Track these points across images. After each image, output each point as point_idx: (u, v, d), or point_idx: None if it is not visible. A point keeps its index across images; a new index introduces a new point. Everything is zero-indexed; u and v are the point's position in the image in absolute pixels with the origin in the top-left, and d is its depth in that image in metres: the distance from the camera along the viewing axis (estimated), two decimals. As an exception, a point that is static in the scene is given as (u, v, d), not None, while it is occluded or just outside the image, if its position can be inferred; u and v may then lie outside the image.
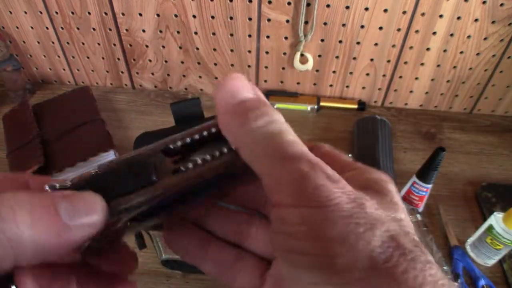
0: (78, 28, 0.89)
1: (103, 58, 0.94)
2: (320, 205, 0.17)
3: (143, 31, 0.87)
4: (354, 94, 0.95)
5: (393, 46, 0.84)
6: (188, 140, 0.21)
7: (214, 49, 0.89)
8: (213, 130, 0.21)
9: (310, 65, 0.88)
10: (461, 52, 0.84)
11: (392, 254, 0.16)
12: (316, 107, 0.93)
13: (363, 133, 0.84)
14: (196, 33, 0.86)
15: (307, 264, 0.17)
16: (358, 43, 0.84)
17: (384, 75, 0.90)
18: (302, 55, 0.87)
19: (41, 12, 0.87)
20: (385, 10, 0.78)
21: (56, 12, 0.86)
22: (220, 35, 0.86)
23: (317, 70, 0.91)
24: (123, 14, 0.85)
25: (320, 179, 0.17)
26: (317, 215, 0.17)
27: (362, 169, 0.21)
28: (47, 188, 0.19)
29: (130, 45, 0.91)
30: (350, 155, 0.78)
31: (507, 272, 0.64)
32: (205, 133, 0.21)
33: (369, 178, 0.20)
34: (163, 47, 0.90)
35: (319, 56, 0.88)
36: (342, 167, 0.21)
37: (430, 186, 0.68)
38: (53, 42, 0.92)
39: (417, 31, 0.81)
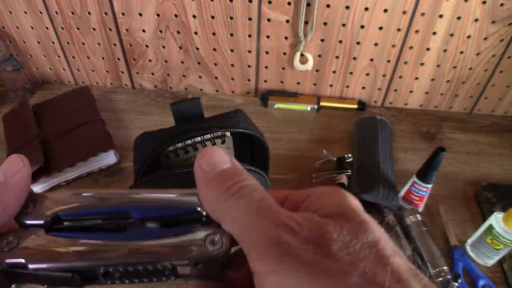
0: (78, 28, 0.89)
1: (103, 58, 0.94)
2: (288, 267, 0.16)
3: (143, 31, 0.87)
4: (354, 94, 0.95)
5: (393, 46, 0.84)
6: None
7: (214, 49, 0.89)
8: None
9: (310, 65, 0.88)
10: (461, 52, 0.84)
11: None
12: (316, 107, 0.93)
13: (363, 133, 0.84)
14: (196, 33, 0.86)
15: None
16: (358, 43, 0.84)
17: (384, 75, 0.90)
18: (302, 55, 0.87)
19: (41, 12, 0.87)
20: (385, 10, 0.78)
21: (56, 12, 0.86)
22: (220, 35, 0.86)
23: (317, 70, 0.91)
24: (123, 14, 0.85)
25: (281, 233, 0.17)
26: (289, 279, 0.16)
27: (316, 195, 0.21)
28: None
29: (130, 45, 0.91)
30: (350, 155, 0.79)
31: (507, 272, 0.64)
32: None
33: (328, 205, 0.20)
34: (163, 47, 0.90)
35: (319, 56, 0.88)
36: (300, 202, 0.21)
37: (430, 186, 0.68)
38: (53, 42, 0.92)
39: (417, 31, 0.81)
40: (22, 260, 0.19)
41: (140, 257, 0.20)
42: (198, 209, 0.21)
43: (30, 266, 0.19)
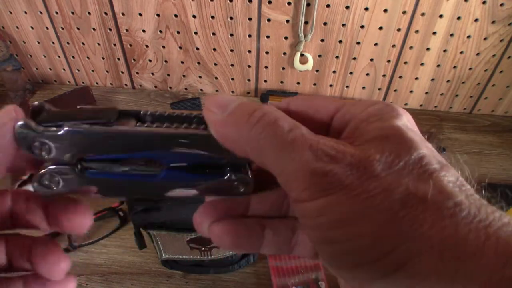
0: (78, 28, 0.89)
1: (103, 58, 0.94)
2: (332, 193, 0.17)
3: (143, 31, 0.87)
4: (354, 94, 0.95)
5: (393, 46, 0.84)
6: (158, 113, 0.22)
7: (214, 49, 0.89)
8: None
9: (310, 65, 0.88)
10: (461, 52, 0.84)
11: (414, 211, 0.16)
12: (316, 107, 0.92)
13: (363, 133, 0.84)
14: (196, 33, 0.86)
15: (340, 252, 0.17)
16: (358, 43, 0.84)
17: (384, 75, 0.90)
18: (302, 55, 0.87)
19: (41, 12, 0.87)
20: (385, 10, 0.78)
21: (56, 12, 0.86)
22: (220, 35, 0.86)
23: (317, 70, 0.91)
24: (123, 14, 0.85)
25: (325, 164, 0.17)
26: (333, 203, 0.17)
27: (364, 117, 0.20)
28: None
29: (130, 45, 0.91)
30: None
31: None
32: (185, 114, 0.22)
33: (372, 129, 0.19)
34: (163, 47, 0.90)
35: (319, 56, 0.88)
36: (330, 110, 0.21)
37: (430, 186, 0.68)
38: (53, 42, 0.92)
39: (417, 31, 0.81)
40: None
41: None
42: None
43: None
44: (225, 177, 0.22)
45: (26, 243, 0.23)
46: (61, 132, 0.20)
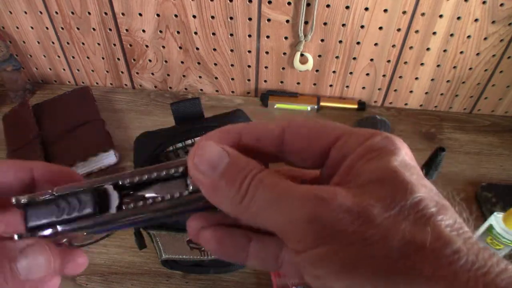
0: (78, 28, 0.89)
1: (103, 58, 0.94)
2: (327, 241, 0.16)
3: (143, 31, 0.87)
4: (354, 94, 0.95)
5: (393, 46, 0.84)
6: (137, 179, 0.22)
7: (214, 49, 0.89)
8: (179, 169, 0.22)
9: (310, 65, 0.88)
10: (461, 52, 0.84)
11: (413, 260, 0.16)
12: (316, 107, 0.93)
13: (363, 133, 0.83)
14: (196, 33, 0.86)
15: None
16: (358, 43, 0.84)
17: (384, 75, 0.90)
18: (302, 55, 0.87)
19: (41, 12, 0.87)
20: (385, 10, 0.78)
21: (56, 12, 0.86)
22: (220, 35, 0.86)
23: (317, 70, 0.91)
24: (123, 14, 0.85)
25: (316, 210, 0.17)
26: (330, 253, 0.16)
27: (358, 156, 0.19)
28: (13, 201, 0.21)
29: (130, 45, 0.91)
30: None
31: (507, 272, 0.64)
32: (164, 172, 0.22)
33: (368, 170, 0.19)
34: (163, 47, 0.90)
35: (319, 56, 0.88)
36: (327, 141, 0.20)
37: (430, 186, 0.68)
38: (53, 42, 0.92)
39: (417, 31, 0.81)
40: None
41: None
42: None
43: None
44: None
45: (53, 170, 0.23)
46: (50, 232, 0.21)
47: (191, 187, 0.21)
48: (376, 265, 0.16)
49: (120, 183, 0.21)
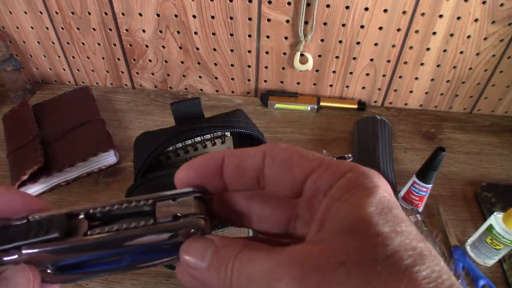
0: (78, 28, 0.89)
1: (103, 58, 0.94)
2: None
3: (143, 31, 0.87)
4: (354, 94, 0.95)
5: (393, 46, 0.84)
6: (107, 209, 0.22)
7: (214, 49, 0.89)
8: (149, 202, 0.22)
9: (310, 65, 0.88)
10: (461, 52, 0.84)
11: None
12: (316, 107, 0.93)
13: (363, 133, 0.84)
14: (196, 33, 0.86)
15: None
16: (358, 43, 0.84)
17: (384, 75, 0.90)
18: (302, 55, 0.87)
19: (41, 12, 0.87)
20: (385, 10, 0.78)
21: (56, 12, 0.86)
22: (220, 35, 0.86)
23: (317, 70, 0.91)
24: (123, 14, 0.85)
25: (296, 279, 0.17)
26: None
27: (333, 199, 0.19)
28: None
29: (130, 45, 0.91)
30: (350, 155, 0.79)
31: (507, 272, 0.64)
32: (133, 204, 0.22)
33: (339, 218, 0.18)
34: (163, 47, 0.90)
35: (319, 56, 0.88)
36: (304, 171, 0.20)
37: (430, 186, 0.68)
38: (53, 42, 0.92)
39: (417, 31, 0.81)
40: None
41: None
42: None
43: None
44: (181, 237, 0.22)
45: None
46: (15, 257, 0.21)
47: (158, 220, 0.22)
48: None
49: (91, 212, 0.22)
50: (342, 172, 0.19)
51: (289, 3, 0.79)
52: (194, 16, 0.83)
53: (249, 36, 0.86)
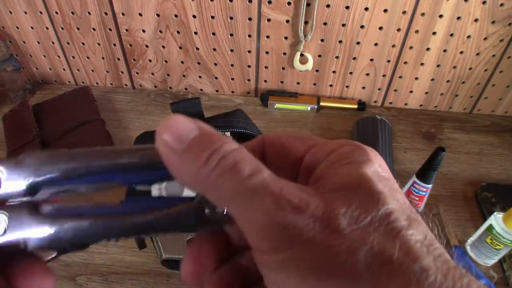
0: (78, 28, 0.89)
1: (103, 58, 0.94)
2: (293, 246, 0.16)
3: (143, 31, 0.87)
4: (354, 94, 0.95)
5: (393, 46, 0.84)
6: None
7: (214, 49, 0.89)
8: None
9: (310, 65, 0.88)
10: (461, 52, 0.84)
11: (379, 273, 0.15)
12: (316, 107, 0.93)
13: (363, 133, 0.84)
14: (196, 33, 0.86)
15: None
16: (358, 43, 0.84)
17: (384, 75, 0.90)
18: (302, 55, 0.87)
19: (41, 12, 0.87)
20: (385, 10, 0.78)
21: (56, 12, 0.86)
22: (220, 35, 0.86)
23: (317, 70, 0.91)
24: (123, 14, 0.85)
25: (286, 214, 0.16)
26: (294, 258, 0.16)
27: (333, 158, 0.19)
28: None
29: (130, 45, 0.91)
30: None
31: (507, 272, 0.64)
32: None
33: (342, 175, 0.18)
34: (163, 47, 0.90)
35: (319, 56, 0.88)
36: (302, 149, 0.20)
37: (430, 186, 0.68)
38: (53, 42, 0.92)
39: (417, 31, 0.81)
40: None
41: (140, 231, 0.20)
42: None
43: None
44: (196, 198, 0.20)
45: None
46: (17, 160, 0.19)
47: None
48: (342, 275, 0.15)
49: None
50: (340, 145, 0.20)
51: (289, 3, 0.79)
52: (194, 16, 0.83)
53: (249, 36, 0.86)
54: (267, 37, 0.85)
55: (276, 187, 0.17)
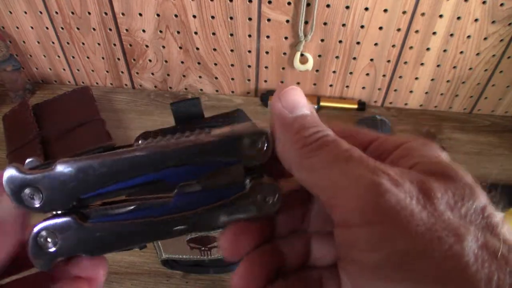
0: (78, 28, 0.89)
1: (103, 58, 0.94)
2: (390, 221, 0.14)
3: (143, 31, 0.87)
4: (354, 94, 0.95)
5: (393, 46, 0.84)
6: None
7: (214, 49, 0.89)
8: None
9: (310, 65, 0.88)
10: (461, 52, 0.84)
11: (490, 271, 0.14)
12: (316, 107, 0.93)
13: (363, 133, 0.84)
14: (196, 33, 0.86)
15: None
16: (358, 43, 0.84)
17: (384, 75, 0.90)
18: (302, 55, 0.87)
19: (41, 12, 0.87)
20: (385, 10, 0.78)
21: (56, 12, 0.86)
22: (220, 35, 0.86)
23: (317, 70, 0.91)
24: (123, 14, 0.85)
25: (384, 183, 0.15)
26: (391, 236, 0.14)
27: (411, 146, 0.18)
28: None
29: (130, 45, 0.91)
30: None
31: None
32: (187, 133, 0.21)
33: (427, 161, 0.17)
34: (163, 47, 0.90)
35: (319, 56, 0.88)
36: (361, 143, 0.20)
37: (430, 186, 0.68)
38: (53, 42, 0.92)
39: (417, 31, 0.81)
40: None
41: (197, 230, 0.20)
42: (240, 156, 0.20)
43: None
44: (247, 187, 0.20)
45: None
46: (51, 169, 0.19)
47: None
48: (445, 263, 0.14)
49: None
50: (407, 139, 0.19)
51: (289, 3, 0.79)
52: (194, 16, 0.83)
53: (249, 36, 0.85)
54: (267, 37, 0.85)
55: (371, 161, 0.16)
